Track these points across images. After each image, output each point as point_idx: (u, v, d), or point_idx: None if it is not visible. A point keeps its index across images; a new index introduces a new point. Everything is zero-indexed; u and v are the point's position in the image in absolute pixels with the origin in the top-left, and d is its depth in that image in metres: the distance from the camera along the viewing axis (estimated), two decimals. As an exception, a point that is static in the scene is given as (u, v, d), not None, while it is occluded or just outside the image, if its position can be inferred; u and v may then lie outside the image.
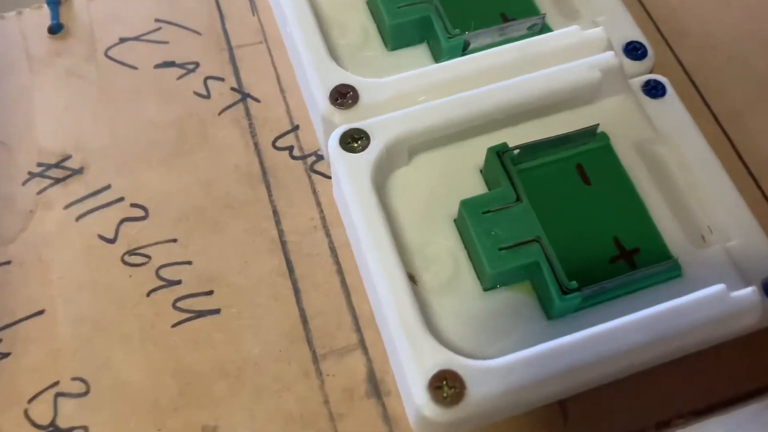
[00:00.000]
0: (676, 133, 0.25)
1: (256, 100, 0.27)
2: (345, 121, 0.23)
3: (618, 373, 0.21)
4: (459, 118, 0.23)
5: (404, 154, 0.24)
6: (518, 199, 0.22)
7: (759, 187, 0.26)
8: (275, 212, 0.25)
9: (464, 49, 0.26)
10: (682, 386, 0.22)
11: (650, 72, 0.27)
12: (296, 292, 0.24)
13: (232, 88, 0.28)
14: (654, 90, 0.26)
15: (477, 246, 0.22)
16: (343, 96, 0.23)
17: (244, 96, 0.28)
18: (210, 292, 0.24)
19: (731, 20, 0.30)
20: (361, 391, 0.22)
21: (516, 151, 0.23)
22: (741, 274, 0.23)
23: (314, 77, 0.23)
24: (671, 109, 0.26)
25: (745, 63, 0.29)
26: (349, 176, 0.22)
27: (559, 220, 0.23)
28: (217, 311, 0.24)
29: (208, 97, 0.28)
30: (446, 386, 0.19)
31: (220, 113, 0.27)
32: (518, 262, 0.21)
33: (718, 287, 0.20)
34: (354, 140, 0.22)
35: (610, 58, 0.24)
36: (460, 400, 0.19)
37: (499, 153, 0.23)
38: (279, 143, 0.27)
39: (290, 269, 0.24)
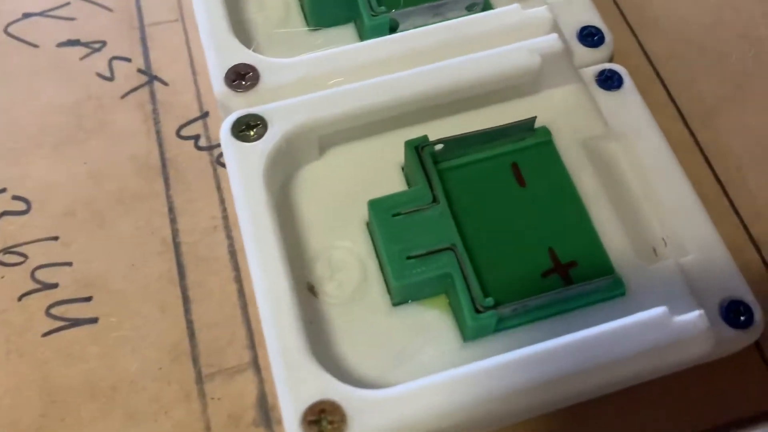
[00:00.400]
0: (631, 130, 0.22)
1: (164, 83, 0.25)
2: (243, 105, 0.20)
3: (541, 407, 0.18)
4: (375, 105, 0.20)
5: (314, 146, 0.21)
6: (435, 200, 0.19)
7: (726, 194, 0.23)
8: (171, 209, 0.22)
9: (393, 31, 0.23)
10: (621, 422, 0.20)
11: (609, 61, 0.24)
12: (185, 301, 0.21)
13: (139, 70, 0.25)
14: (609, 81, 0.23)
15: (383, 253, 0.19)
16: (242, 77, 0.20)
17: (151, 78, 0.25)
18: (88, 299, 0.21)
19: (707, 7, 0.26)
20: (249, 418, 0.19)
21: (439, 146, 0.20)
22: (695, 295, 0.19)
23: (211, 55, 0.20)
24: (627, 103, 0.22)
25: (719, 55, 0.25)
26: (239, 169, 0.19)
27: (486, 226, 0.20)
28: (94, 320, 0.21)
29: (111, 79, 0.25)
30: (325, 420, 0.16)
31: (122, 97, 0.24)
32: (428, 273, 0.18)
33: (659, 310, 0.17)
34: (249, 128, 0.19)
35: (554, 41, 0.21)
36: (338, 437, 0.16)
37: (418, 147, 0.20)
38: (184, 132, 0.24)
39: (181, 275, 0.21)
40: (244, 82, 0.20)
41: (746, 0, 0.26)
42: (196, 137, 0.23)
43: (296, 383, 0.16)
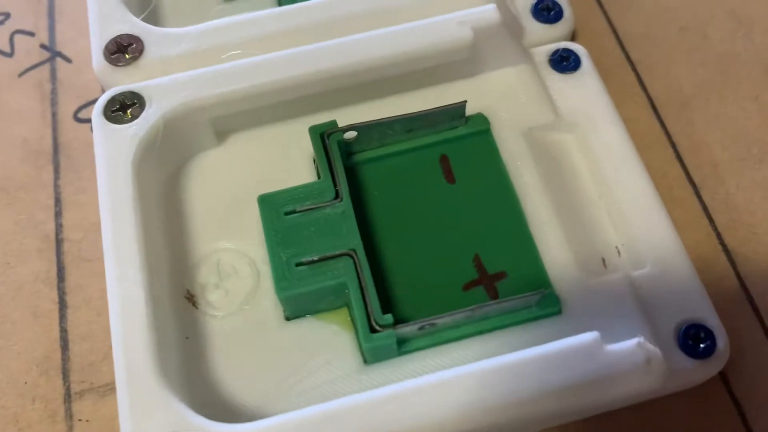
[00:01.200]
0: (586, 119, 0.18)
1: (67, 60, 0.22)
2: (122, 81, 0.17)
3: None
4: (276, 82, 0.17)
5: (207, 131, 0.18)
6: (337, 196, 0.16)
7: (699, 197, 0.20)
8: (58, 201, 0.20)
9: (313, 0, 0.20)
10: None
11: (571, 40, 0.21)
12: (62, 306, 0.18)
13: (42, 45, 0.22)
14: (564, 62, 0.20)
15: (269, 258, 0.16)
16: (124, 49, 0.17)
17: (54, 54, 0.22)
18: (-45, 300, 0.19)
19: (691, -18, 0.23)
20: (119, 445, 0.17)
21: (351, 134, 0.17)
22: (648, 316, 0.16)
23: (93, 23, 0.18)
24: (584, 88, 0.19)
25: (702, 36, 0.22)
26: (105, 154, 0.16)
27: (403, 229, 0.17)
28: (-42, 325, 0.19)
29: (10, 55, 0.22)
30: (169, 459, 0.13)
31: (20, 75, 0.22)
32: (317, 284, 0.15)
33: (589, 336, 0.14)
34: (124, 108, 0.17)
35: (490, 12, 0.18)
36: (185, 483, 0.13)
37: (324, 134, 0.17)
38: (82, 114, 0.21)
39: (60, 277, 0.19)
40: (126, 55, 0.17)
41: (736, -27, 0.23)
42: (95, 120, 0.21)
43: (140, 411, 0.13)
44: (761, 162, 0.20)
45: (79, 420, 0.17)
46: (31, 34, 0.23)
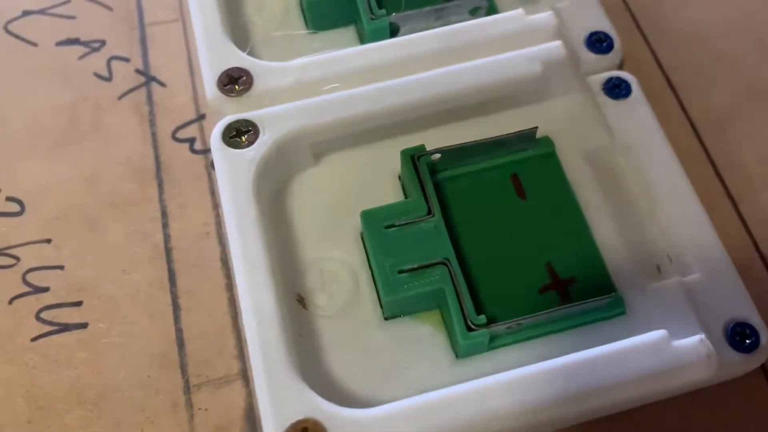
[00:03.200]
0: (638, 141, 0.21)
1: (162, 84, 0.24)
2: (235, 110, 0.19)
3: (531, 429, 0.18)
4: (370, 113, 0.19)
5: (307, 153, 0.20)
6: (430, 212, 0.19)
7: (737, 210, 0.22)
8: (164, 214, 0.22)
9: (394, 34, 0.22)
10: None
11: (619, 68, 0.23)
12: (175, 308, 0.21)
13: (137, 70, 0.25)
14: (617, 89, 0.22)
15: (374, 267, 0.18)
16: (235, 81, 0.20)
17: (149, 79, 0.24)
18: (79, 303, 0.21)
19: (722, 14, 0.25)
20: (236, 430, 0.19)
21: (436, 156, 0.20)
22: (699, 316, 0.18)
23: (204, 58, 0.20)
24: (635, 113, 0.21)
25: (734, 64, 0.24)
26: (228, 176, 0.18)
27: (484, 239, 0.19)
28: (84, 326, 0.20)
29: (109, 79, 0.24)
30: (307, 440, 0.16)
31: (119, 98, 0.24)
32: (419, 288, 0.17)
33: (658, 333, 0.16)
34: (240, 134, 0.19)
35: (557, 48, 0.20)
36: (319, 458, 0.15)
37: (414, 156, 0.19)
38: (179, 134, 0.23)
39: (172, 282, 0.21)
40: (237, 86, 0.19)
41: (761, 6, 0.25)
42: (192, 140, 0.23)
43: (279, 400, 0.16)
44: (791, 178, 0.23)
45: (199, 409, 0.19)
46: (127, 59, 0.25)
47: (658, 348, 0.16)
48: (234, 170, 0.18)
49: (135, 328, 0.20)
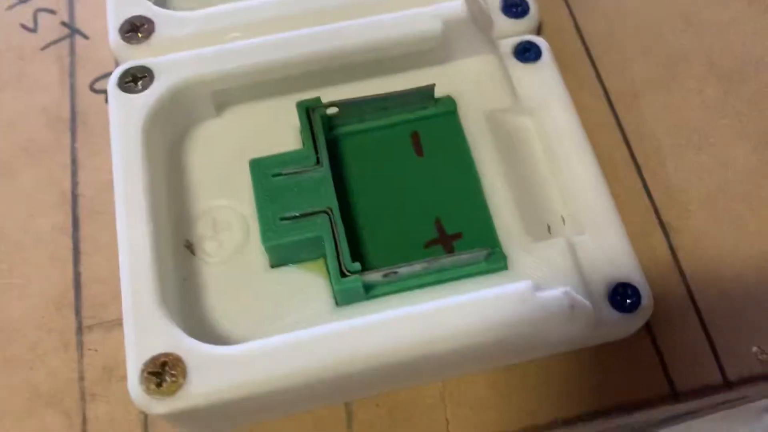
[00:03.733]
0: (543, 104, 0.21)
1: (85, 36, 0.24)
2: (136, 58, 0.20)
3: (394, 376, 0.18)
4: (268, 63, 0.19)
5: (208, 102, 0.20)
6: (318, 162, 0.19)
7: (641, 176, 0.22)
8: (74, 161, 0.22)
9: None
10: (498, 398, 0.19)
11: (537, 34, 0.24)
12: (76, 253, 0.21)
13: (63, 23, 0.25)
14: (527, 53, 0.22)
15: (257, 213, 0.18)
16: (136, 29, 0.20)
17: (73, 31, 0.25)
18: (-17, 245, 0.21)
19: (650, -15, 0.25)
20: (122, 371, 0.19)
21: (332, 110, 0.20)
22: (582, 275, 0.19)
23: (110, 5, 0.20)
24: (542, 77, 0.21)
25: (657, 35, 0.24)
26: (118, 119, 0.18)
27: (376, 194, 0.20)
28: (-15, 266, 0.21)
29: (34, 30, 0.25)
30: (166, 373, 0.16)
31: (42, 49, 0.24)
32: (297, 235, 0.18)
33: (523, 284, 0.17)
34: (136, 80, 0.19)
35: (457, 6, 0.20)
36: (176, 391, 0.16)
37: (309, 108, 0.20)
38: (97, 86, 0.23)
39: (75, 227, 0.21)
40: (139, 34, 0.20)
41: (690, -21, 0.25)
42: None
43: (142, 334, 0.16)
44: (699, 149, 0.23)
45: (89, 349, 0.20)
46: (53, 11, 0.25)
47: (521, 297, 0.16)
48: (124, 114, 0.18)
49: (35, 270, 0.21)
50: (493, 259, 0.18)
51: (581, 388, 0.19)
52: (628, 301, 0.18)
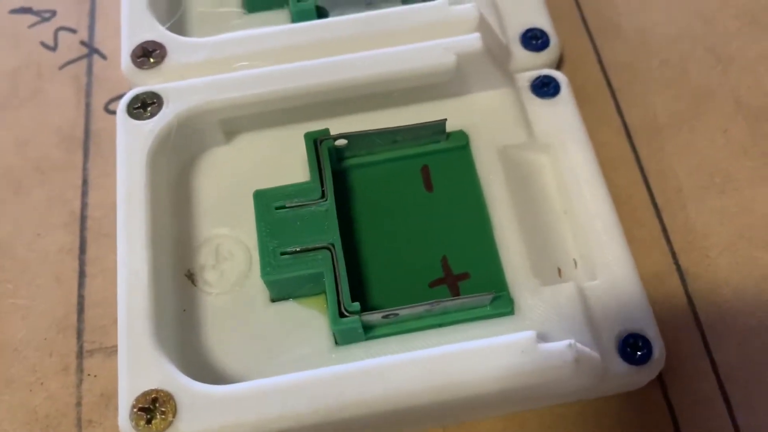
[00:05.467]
0: (558, 141, 0.20)
1: (103, 57, 0.25)
2: (146, 83, 0.20)
3: (402, 422, 0.17)
4: (278, 93, 0.19)
5: (217, 130, 0.20)
6: (323, 196, 0.19)
7: (660, 219, 0.21)
8: (85, 182, 0.22)
9: (323, 18, 0.22)
10: (498, 450, 0.18)
11: (556, 68, 0.23)
12: (81, 275, 0.21)
13: (82, 42, 0.25)
14: (545, 88, 0.21)
15: (258, 246, 0.18)
16: (149, 54, 0.20)
17: (92, 51, 0.25)
18: (-9, 263, 0.21)
19: (676, 17, 0.24)
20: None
21: (341, 141, 0.19)
22: (592, 323, 0.18)
23: (124, 30, 0.20)
24: (559, 113, 0.21)
25: (681, 70, 0.23)
26: (125, 145, 0.18)
27: (381, 229, 0.19)
28: (-9, 285, 0.21)
29: (54, 49, 0.25)
30: (157, 410, 0.16)
31: (61, 68, 0.24)
32: (297, 271, 0.17)
33: (526, 334, 0.16)
34: (145, 106, 0.19)
35: (474, 40, 0.19)
36: (165, 429, 0.15)
37: (316, 140, 0.19)
38: (112, 106, 0.23)
39: (82, 249, 0.21)
40: (150, 59, 0.20)
41: (720, 12, 0.24)
42: (122, 113, 0.23)
43: (135, 369, 0.16)
44: (722, 192, 0.22)
45: (88, 375, 0.20)
46: (74, 31, 0.25)
47: (523, 347, 0.16)
48: (131, 140, 0.18)
49: (40, 291, 0.21)
50: (499, 303, 0.18)
51: (587, 439, 0.19)
52: (638, 353, 0.18)
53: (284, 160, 0.21)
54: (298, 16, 0.21)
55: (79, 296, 0.21)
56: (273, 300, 0.19)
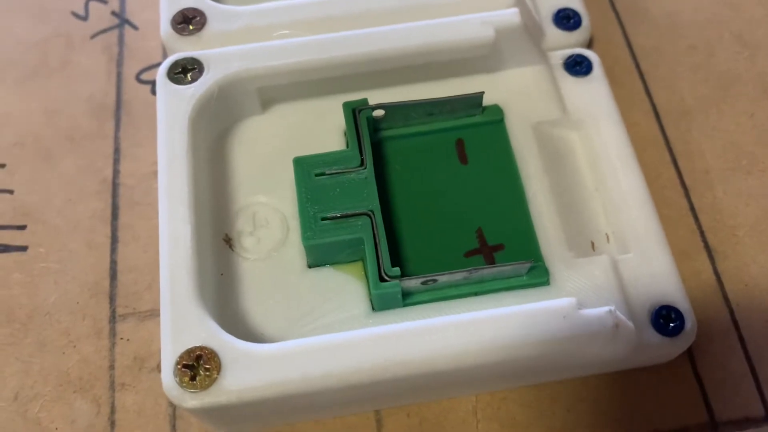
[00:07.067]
0: (591, 118, 0.21)
1: (135, 27, 0.25)
2: (186, 49, 0.20)
3: (426, 388, 0.17)
4: (316, 62, 0.19)
5: (254, 98, 0.20)
6: (362, 164, 0.19)
7: (688, 197, 0.21)
8: (117, 150, 0.22)
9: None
10: (532, 417, 0.19)
11: (587, 47, 0.23)
12: (113, 241, 0.21)
13: (113, 12, 0.25)
14: (577, 66, 0.22)
15: (299, 212, 0.18)
16: (188, 21, 0.20)
17: (123, 21, 0.25)
18: (23, 227, 0.21)
19: (704, 5, 0.25)
20: (153, 362, 0.19)
21: (378, 112, 0.20)
22: (625, 294, 0.18)
23: (163, -4, 0.20)
24: (592, 91, 0.21)
25: (708, 54, 0.24)
26: (166, 110, 0.18)
27: (418, 199, 0.19)
28: (24, 248, 0.21)
29: (85, 19, 0.25)
30: (200, 367, 0.16)
31: (92, 37, 0.25)
32: (337, 236, 0.17)
33: (566, 300, 0.16)
34: (186, 71, 0.19)
35: (512, 15, 0.20)
36: (209, 385, 0.15)
37: (355, 109, 0.19)
38: (144, 76, 0.24)
39: (114, 216, 0.21)
40: (190, 26, 0.20)
41: (745, 0, 0.25)
42: (154, 82, 0.23)
43: (178, 326, 0.16)
44: (749, 173, 0.22)
45: (121, 338, 0.20)
46: (105, 1, 0.25)
47: (563, 313, 0.16)
48: (172, 105, 0.18)
49: (72, 256, 0.21)
50: (535, 273, 0.18)
51: (616, 411, 0.19)
52: (671, 324, 0.18)
53: (319, 131, 0.21)
54: (335, -11, 0.21)
55: (112, 262, 0.21)
56: (310, 266, 0.19)
